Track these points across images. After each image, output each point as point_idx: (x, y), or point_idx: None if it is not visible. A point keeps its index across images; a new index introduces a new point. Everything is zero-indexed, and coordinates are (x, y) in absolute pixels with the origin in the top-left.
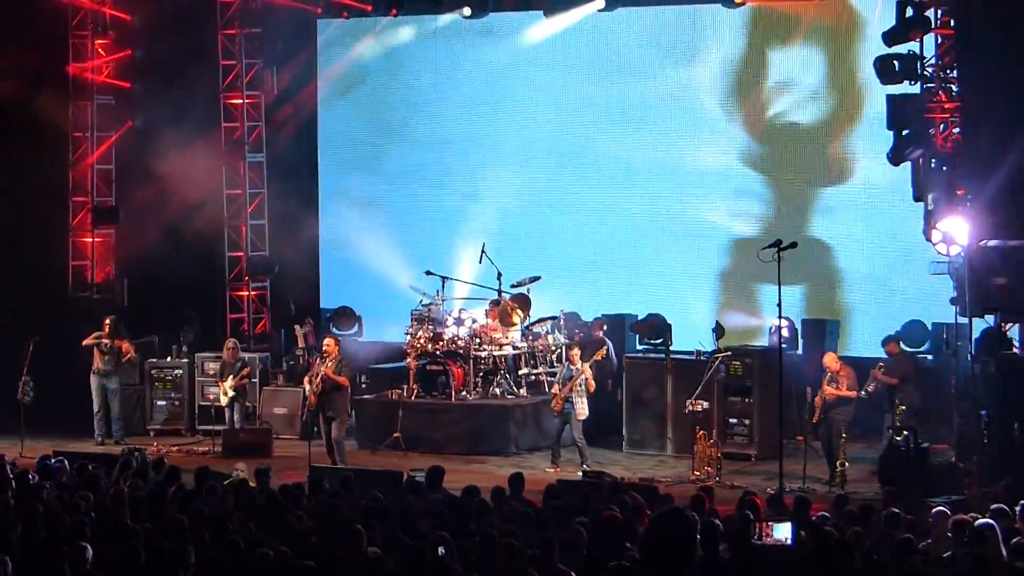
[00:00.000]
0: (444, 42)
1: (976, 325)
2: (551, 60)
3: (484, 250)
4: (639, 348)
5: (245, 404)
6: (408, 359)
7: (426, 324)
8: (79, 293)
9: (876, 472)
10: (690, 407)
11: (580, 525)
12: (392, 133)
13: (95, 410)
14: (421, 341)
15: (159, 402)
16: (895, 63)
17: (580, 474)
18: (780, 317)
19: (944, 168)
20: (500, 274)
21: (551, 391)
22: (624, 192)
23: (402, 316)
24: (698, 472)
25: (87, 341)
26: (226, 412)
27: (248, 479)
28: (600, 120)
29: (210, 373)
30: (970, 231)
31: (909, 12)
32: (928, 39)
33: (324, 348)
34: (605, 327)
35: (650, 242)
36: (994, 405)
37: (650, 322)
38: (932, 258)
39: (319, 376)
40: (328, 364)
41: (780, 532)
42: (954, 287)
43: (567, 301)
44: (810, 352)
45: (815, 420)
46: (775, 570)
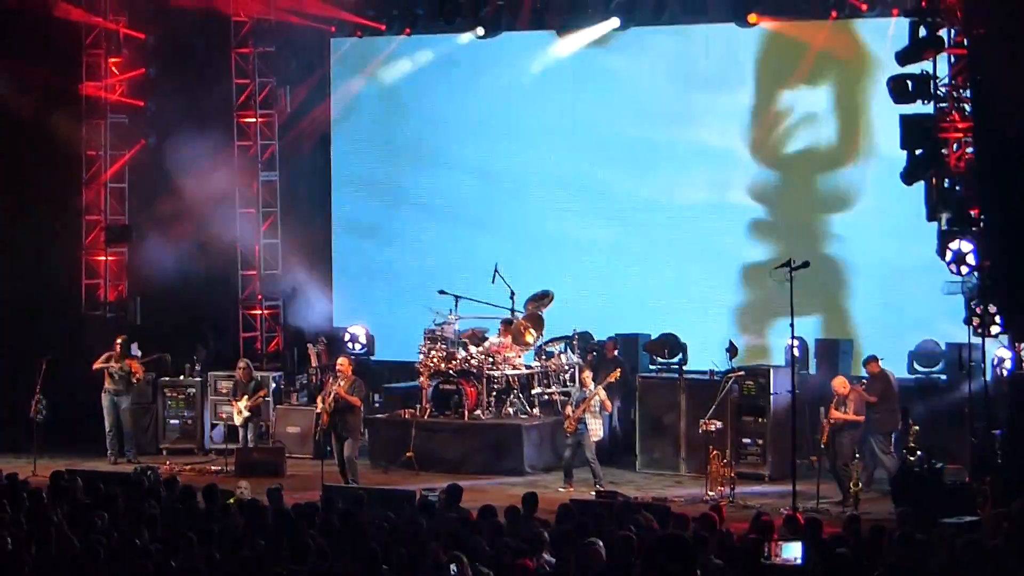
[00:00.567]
0: (458, 61)
1: (989, 345)
2: (564, 81)
3: (497, 269)
4: (651, 368)
5: (259, 423)
6: (421, 378)
7: (439, 343)
8: (92, 312)
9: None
10: (703, 427)
11: (595, 545)
12: (405, 151)
13: (107, 429)
14: (434, 360)
15: (172, 421)
16: (908, 83)
17: (593, 494)
18: (792, 337)
19: (957, 188)
20: (513, 293)
21: (564, 412)
22: (636, 213)
23: (415, 335)
24: (711, 492)
25: (97, 365)
26: (240, 431)
27: (248, 496)
28: (613, 140)
29: (223, 392)
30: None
31: (922, 32)
32: (941, 58)
33: (338, 367)
34: (618, 347)
35: (663, 261)
36: (1008, 424)
37: (664, 341)
38: (946, 277)
39: (332, 395)
40: (341, 383)
41: (790, 552)
42: (966, 306)
43: (580, 320)
44: (823, 372)
45: (824, 442)
46: None
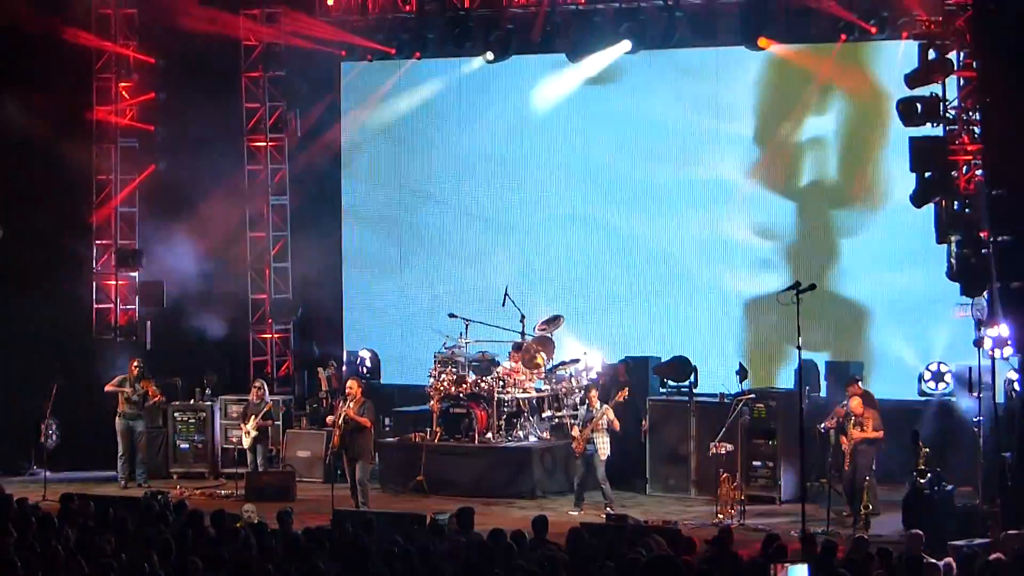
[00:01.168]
0: (468, 85)
1: (1000, 367)
2: (574, 104)
3: (507, 293)
4: (662, 391)
5: (268, 447)
6: (431, 402)
7: (449, 367)
8: (102, 336)
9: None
10: (714, 450)
11: (607, 569)
12: (416, 175)
13: (119, 453)
14: (444, 384)
15: (182, 445)
16: (917, 105)
17: (603, 517)
18: (800, 359)
19: (967, 210)
20: (523, 316)
21: (572, 433)
22: (646, 237)
23: (426, 359)
24: (722, 515)
25: (109, 388)
26: (248, 455)
27: (255, 520)
28: (624, 164)
29: (233, 416)
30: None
31: (932, 55)
32: (950, 81)
33: (347, 390)
34: (630, 369)
35: (673, 284)
36: (1018, 447)
37: (675, 364)
38: (956, 300)
39: (341, 417)
40: (351, 405)
41: (797, 575)
42: (976, 328)
43: (590, 343)
44: (834, 394)
45: (847, 466)
46: None
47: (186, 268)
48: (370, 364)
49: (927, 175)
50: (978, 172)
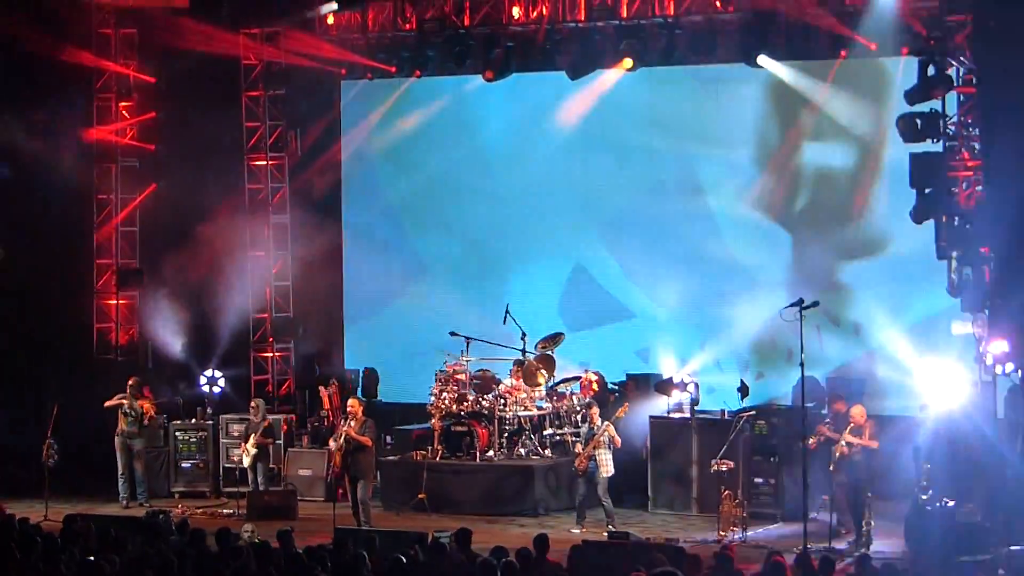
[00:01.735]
0: (469, 103)
1: (1001, 384)
2: (576, 121)
3: (508, 310)
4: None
5: (269, 466)
6: (433, 420)
7: (451, 385)
8: (103, 355)
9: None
10: (715, 467)
11: None
12: (417, 194)
13: (120, 472)
14: (446, 402)
15: (184, 464)
16: (917, 121)
17: (605, 535)
18: (803, 376)
19: (967, 226)
20: (524, 334)
21: (575, 451)
22: (646, 253)
23: (427, 377)
24: (723, 532)
25: (109, 403)
26: (249, 474)
27: (256, 539)
28: (624, 179)
29: (235, 435)
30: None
31: (931, 70)
32: (950, 97)
33: (348, 408)
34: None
35: (672, 302)
36: (1020, 462)
37: (675, 382)
38: (956, 316)
39: (343, 436)
40: (351, 424)
41: None
42: (977, 344)
43: (592, 360)
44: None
45: (832, 468)
46: None
47: (187, 287)
48: (369, 382)
49: (927, 190)
50: (978, 188)
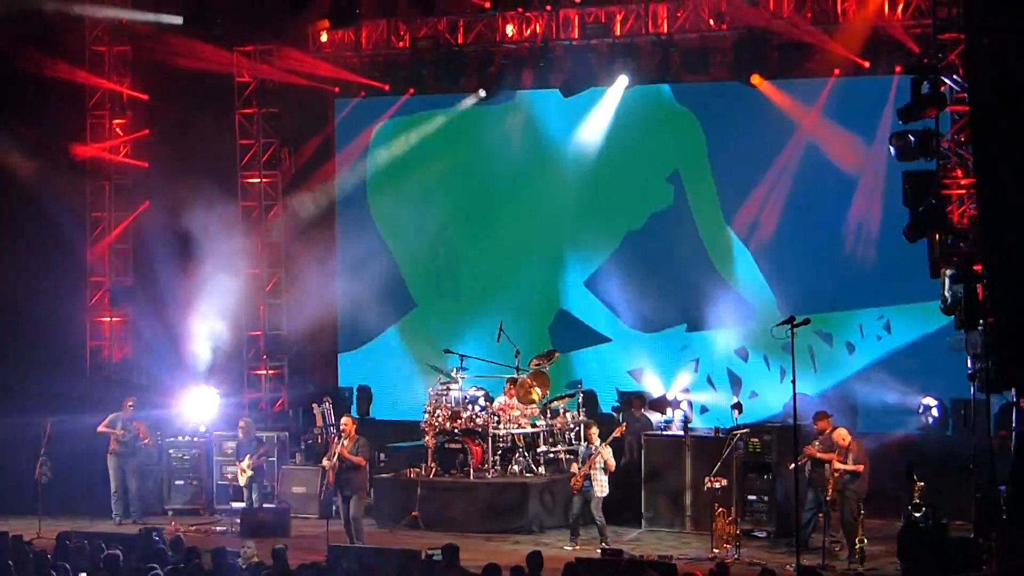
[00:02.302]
0: (463, 121)
1: (994, 400)
2: (570, 138)
3: (502, 328)
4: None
5: (263, 483)
6: (426, 437)
7: (444, 402)
8: (97, 373)
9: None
10: (709, 484)
11: None
12: (410, 210)
13: (113, 490)
14: (439, 419)
15: (177, 481)
16: (911, 139)
17: (599, 552)
18: (795, 393)
19: (961, 244)
20: (518, 351)
21: (570, 470)
22: (638, 272)
23: (420, 394)
24: (717, 549)
25: (100, 429)
26: (244, 492)
27: (255, 558)
28: (618, 196)
29: (228, 452)
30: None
31: (925, 88)
32: (944, 115)
33: (341, 427)
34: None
35: (666, 320)
36: (1013, 480)
37: (668, 399)
38: (950, 334)
39: (336, 455)
40: (345, 443)
41: None
42: (971, 362)
43: (586, 378)
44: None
45: (829, 496)
46: None
47: (180, 305)
48: (363, 399)
49: (920, 208)
50: (972, 206)
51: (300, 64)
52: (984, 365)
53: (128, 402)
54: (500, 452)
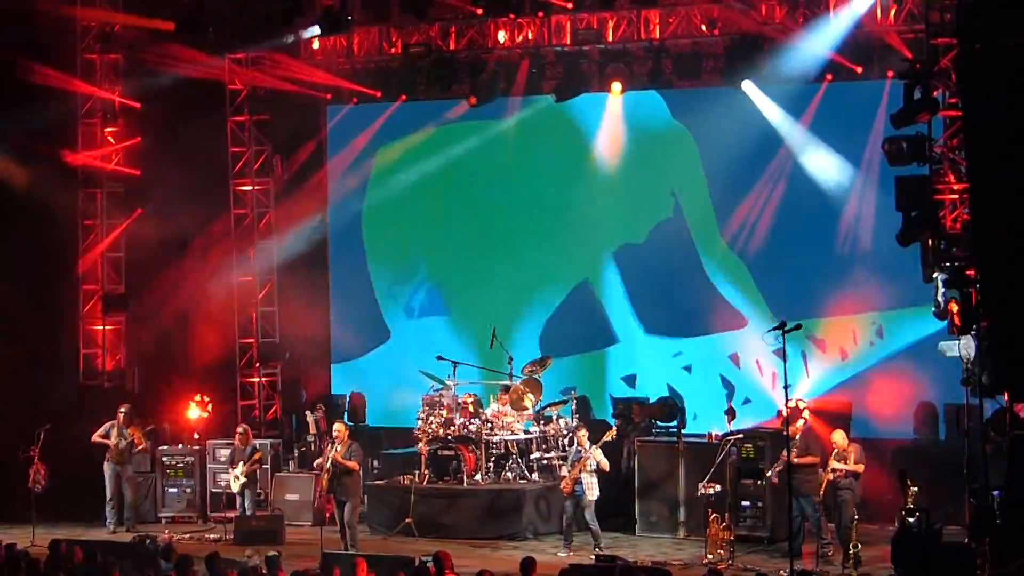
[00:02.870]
0: (455, 128)
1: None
2: (563, 147)
3: (495, 334)
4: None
5: (256, 491)
6: (419, 444)
7: (437, 409)
8: (90, 381)
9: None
10: (702, 490)
11: None
12: (402, 217)
13: (108, 497)
14: (432, 426)
15: (170, 489)
16: (903, 144)
17: (592, 558)
18: (787, 399)
19: (953, 249)
20: (511, 358)
21: (561, 474)
22: (630, 279)
23: (413, 401)
24: (711, 555)
25: (95, 439)
26: (237, 499)
27: (259, 565)
28: (612, 204)
29: (221, 460)
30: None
31: (917, 94)
32: (936, 120)
33: (334, 433)
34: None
35: (659, 326)
36: (1006, 485)
37: (662, 405)
38: (943, 338)
39: (329, 460)
40: (338, 449)
41: None
42: (963, 368)
43: (579, 384)
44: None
45: (821, 494)
46: None
47: (173, 313)
48: (355, 406)
49: (913, 214)
50: (964, 211)
51: (292, 71)
52: (977, 370)
53: (121, 409)
54: (494, 459)
